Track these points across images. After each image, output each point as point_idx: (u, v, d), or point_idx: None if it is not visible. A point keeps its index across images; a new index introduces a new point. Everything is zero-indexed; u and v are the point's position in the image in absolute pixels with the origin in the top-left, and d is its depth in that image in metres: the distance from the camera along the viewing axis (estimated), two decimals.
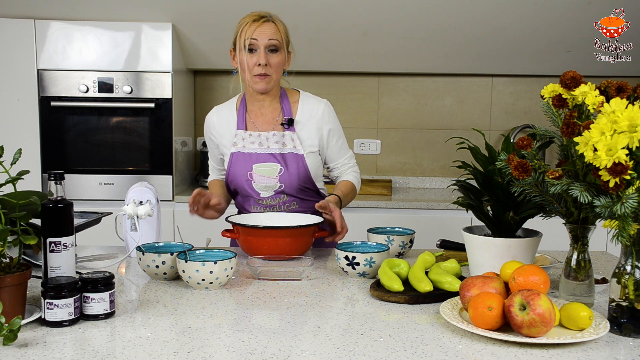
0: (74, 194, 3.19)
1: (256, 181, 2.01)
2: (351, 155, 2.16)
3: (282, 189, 2.00)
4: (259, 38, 1.94)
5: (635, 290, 1.19)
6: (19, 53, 3.17)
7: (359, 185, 2.15)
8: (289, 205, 2.03)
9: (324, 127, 2.04)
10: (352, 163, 2.15)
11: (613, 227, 1.16)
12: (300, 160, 1.99)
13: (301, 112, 2.04)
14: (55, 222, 1.29)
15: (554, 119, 1.32)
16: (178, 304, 1.37)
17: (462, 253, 1.76)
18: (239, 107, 2.09)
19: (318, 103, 2.06)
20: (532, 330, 1.12)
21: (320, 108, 2.05)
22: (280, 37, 1.96)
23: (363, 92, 3.79)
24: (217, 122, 2.11)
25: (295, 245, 1.77)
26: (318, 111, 2.04)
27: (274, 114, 2.05)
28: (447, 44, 3.41)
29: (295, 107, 2.06)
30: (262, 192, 2.02)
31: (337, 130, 2.08)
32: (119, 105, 3.23)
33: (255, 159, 2.01)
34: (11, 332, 1.08)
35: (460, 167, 1.53)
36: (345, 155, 2.12)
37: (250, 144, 2.03)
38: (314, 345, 1.13)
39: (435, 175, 3.84)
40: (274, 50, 1.96)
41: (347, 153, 2.13)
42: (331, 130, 2.05)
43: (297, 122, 2.03)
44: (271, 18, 1.98)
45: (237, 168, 2.02)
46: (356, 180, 2.13)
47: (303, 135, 2.02)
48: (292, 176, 1.98)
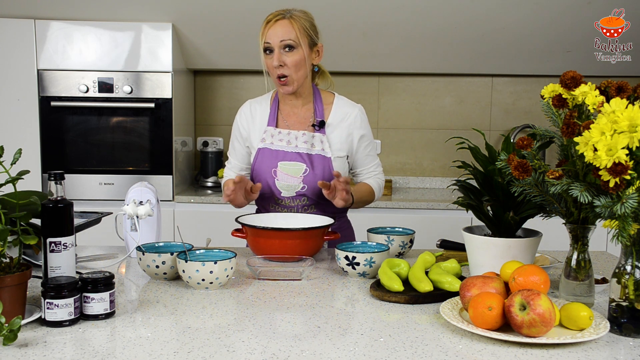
0: (74, 194, 3.19)
1: (280, 179, 1.99)
2: (378, 164, 2.13)
3: (304, 191, 1.98)
4: (271, 39, 1.91)
5: (635, 290, 1.19)
6: (19, 53, 3.17)
7: (379, 191, 2.12)
8: (307, 209, 2.01)
9: (355, 132, 2.02)
10: (377, 171, 2.12)
11: (613, 227, 1.16)
12: (327, 163, 1.97)
13: (334, 115, 2.02)
14: (55, 222, 1.29)
15: (554, 119, 1.33)
16: (178, 304, 1.37)
17: (462, 253, 1.76)
18: (272, 104, 2.07)
19: (352, 108, 2.05)
20: (532, 330, 1.12)
21: (353, 113, 2.03)
22: (295, 34, 1.90)
23: (363, 92, 3.79)
24: (250, 115, 2.08)
25: (305, 247, 1.75)
26: (351, 116, 2.02)
27: (306, 115, 2.04)
28: (447, 44, 3.41)
29: (329, 110, 2.03)
30: (284, 191, 1.99)
31: (367, 137, 2.06)
32: (119, 105, 3.23)
33: (281, 156, 1.99)
34: (11, 332, 1.08)
35: (460, 167, 1.53)
36: (372, 162, 2.10)
37: (279, 142, 2.01)
38: (314, 345, 1.13)
39: (435, 175, 3.84)
40: (290, 49, 1.90)
41: (374, 160, 2.11)
42: (362, 136, 2.04)
43: (329, 125, 2.01)
44: (287, 14, 1.92)
45: (263, 164, 2.00)
46: (377, 185, 2.10)
47: (333, 139, 2.00)
48: (317, 177, 1.96)
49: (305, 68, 1.95)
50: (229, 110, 3.80)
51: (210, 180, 3.60)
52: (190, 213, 3.22)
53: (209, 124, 3.83)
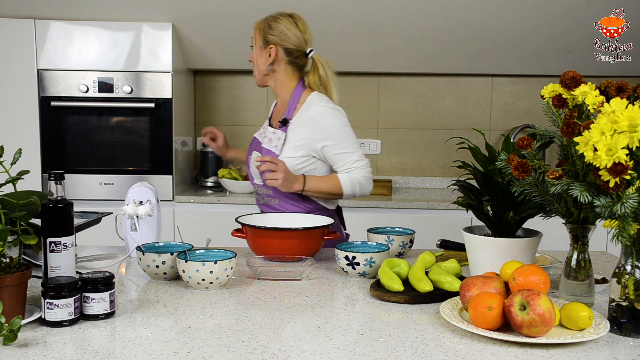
0: (74, 194, 3.19)
1: (251, 166, 2.17)
2: (356, 159, 2.04)
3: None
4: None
5: (635, 290, 1.19)
6: (19, 53, 3.17)
7: (354, 185, 2.03)
8: (270, 199, 2.11)
9: (317, 136, 2.01)
10: (356, 166, 2.04)
11: (613, 227, 1.16)
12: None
13: (299, 115, 2.05)
14: (55, 222, 1.29)
15: (554, 119, 1.33)
16: (178, 304, 1.37)
17: (462, 253, 1.76)
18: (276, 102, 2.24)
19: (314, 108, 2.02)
20: (532, 330, 1.12)
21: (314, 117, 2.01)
22: (254, 35, 2.09)
23: (363, 92, 3.79)
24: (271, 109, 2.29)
25: (304, 247, 1.76)
26: (311, 118, 2.02)
27: (282, 112, 2.12)
28: (447, 44, 3.41)
29: (299, 109, 2.06)
30: (256, 178, 2.14)
31: (330, 139, 2.01)
32: (119, 105, 3.23)
33: (256, 147, 2.16)
34: (11, 332, 1.08)
35: (460, 167, 1.53)
36: (346, 159, 2.03)
37: (260, 134, 2.19)
38: (314, 345, 1.13)
39: (435, 175, 3.84)
40: (252, 48, 2.13)
41: (348, 157, 2.03)
42: (323, 140, 2.01)
43: (292, 124, 2.04)
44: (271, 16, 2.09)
45: (247, 151, 2.25)
46: (348, 179, 2.02)
47: (292, 137, 2.04)
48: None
49: (259, 66, 2.09)
50: (229, 110, 3.80)
51: (210, 180, 3.60)
52: (190, 213, 3.22)
53: (209, 124, 3.82)
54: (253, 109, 3.82)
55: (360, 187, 2.04)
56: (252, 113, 3.82)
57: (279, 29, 2.03)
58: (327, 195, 2.05)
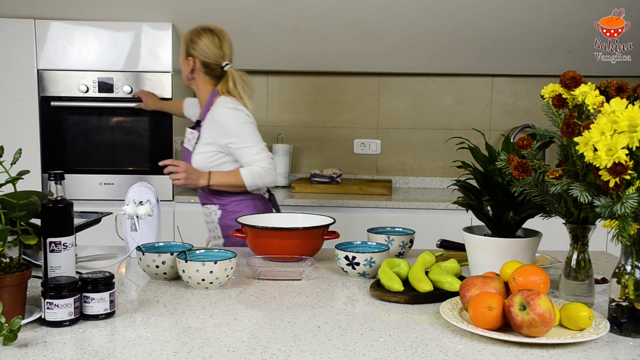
0: (74, 194, 3.18)
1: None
2: (256, 152, 2.26)
3: None
4: None
5: (635, 290, 1.19)
6: (19, 53, 3.17)
7: (253, 176, 2.25)
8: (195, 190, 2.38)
9: (222, 141, 2.28)
10: (255, 158, 2.26)
11: (613, 227, 1.16)
12: (188, 155, 2.37)
13: (208, 116, 2.32)
14: (55, 222, 1.29)
15: (554, 119, 1.33)
16: (178, 304, 1.37)
17: (462, 253, 1.76)
18: None
19: (216, 108, 2.28)
20: (532, 330, 1.12)
21: (215, 117, 2.28)
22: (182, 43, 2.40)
23: (363, 92, 3.79)
24: None
25: (305, 247, 1.76)
26: (215, 118, 2.28)
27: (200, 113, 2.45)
28: (447, 44, 3.41)
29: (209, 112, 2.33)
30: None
31: (233, 139, 2.26)
32: (119, 105, 3.23)
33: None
34: (11, 332, 1.08)
35: (460, 167, 1.53)
36: (247, 153, 2.26)
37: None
38: (314, 345, 1.13)
39: (435, 175, 3.84)
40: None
41: (249, 151, 2.26)
42: (228, 144, 2.27)
43: (203, 124, 2.34)
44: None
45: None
46: (248, 172, 2.25)
47: (203, 135, 2.32)
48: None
49: (183, 72, 2.41)
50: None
51: None
52: (190, 213, 3.21)
53: None
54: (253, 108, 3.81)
55: (260, 177, 2.27)
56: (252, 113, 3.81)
57: (199, 44, 2.33)
58: (232, 188, 2.30)
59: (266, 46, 3.40)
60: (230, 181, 2.28)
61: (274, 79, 3.78)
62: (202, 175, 2.28)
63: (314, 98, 3.78)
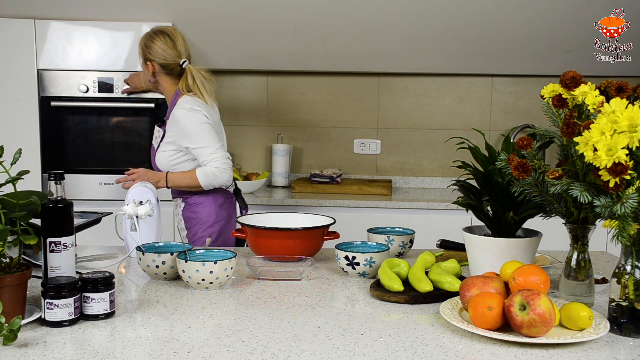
0: (74, 194, 3.18)
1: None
2: (211, 152, 2.29)
3: None
4: None
5: (635, 290, 1.19)
6: (19, 53, 3.17)
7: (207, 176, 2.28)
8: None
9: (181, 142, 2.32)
10: (210, 159, 2.28)
11: (613, 227, 1.16)
12: (153, 153, 2.44)
13: (170, 117, 2.36)
14: (55, 222, 1.29)
15: (554, 119, 1.33)
16: (178, 304, 1.37)
17: (462, 253, 1.76)
18: None
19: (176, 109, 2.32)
20: (532, 330, 1.12)
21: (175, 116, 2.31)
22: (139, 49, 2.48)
23: (363, 92, 3.79)
24: None
25: (305, 247, 1.76)
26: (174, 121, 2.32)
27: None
28: (447, 44, 3.41)
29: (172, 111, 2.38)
30: None
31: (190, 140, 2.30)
32: (119, 105, 3.22)
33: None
34: (11, 332, 1.08)
35: (460, 167, 1.53)
36: (203, 153, 2.29)
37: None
38: (314, 345, 1.13)
39: (435, 175, 3.84)
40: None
41: (204, 151, 2.29)
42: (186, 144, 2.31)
43: (167, 124, 2.39)
44: None
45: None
46: (202, 172, 2.28)
47: (167, 134, 2.37)
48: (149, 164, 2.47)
49: (144, 78, 2.52)
50: (228, 110, 3.79)
51: None
52: None
53: None
54: (253, 109, 3.82)
55: (215, 177, 2.30)
56: (252, 113, 3.82)
57: (154, 48, 2.39)
58: (189, 188, 2.36)
59: (266, 46, 3.40)
60: (186, 181, 2.34)
61: (274, 79, 3.78)
62: (160, 178, 2.36)
63: (314, 98, 3.78)
